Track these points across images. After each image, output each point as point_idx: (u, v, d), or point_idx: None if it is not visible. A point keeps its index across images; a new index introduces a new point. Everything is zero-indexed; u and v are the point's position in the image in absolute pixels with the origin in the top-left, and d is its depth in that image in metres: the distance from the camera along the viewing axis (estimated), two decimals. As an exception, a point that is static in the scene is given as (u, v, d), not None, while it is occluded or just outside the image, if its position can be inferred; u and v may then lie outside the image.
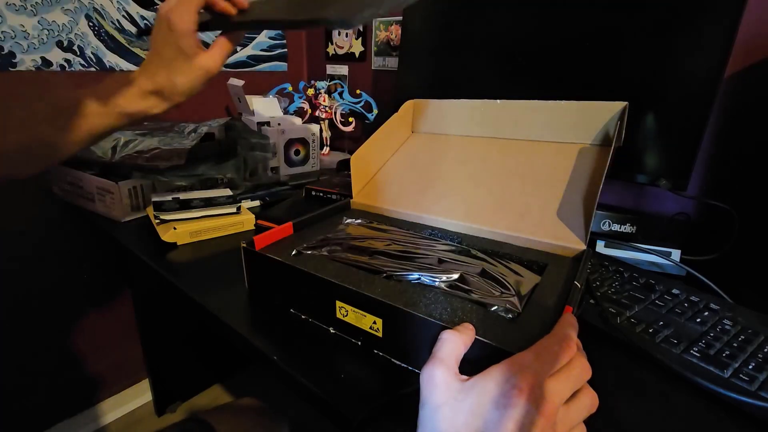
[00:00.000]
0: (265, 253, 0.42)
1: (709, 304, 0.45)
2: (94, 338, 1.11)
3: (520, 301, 0.35)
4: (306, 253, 0.43)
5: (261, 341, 0.39)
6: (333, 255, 0.43)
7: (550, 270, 0.41)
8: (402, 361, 0.36)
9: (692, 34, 0.53)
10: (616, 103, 0.50)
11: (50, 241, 0.97)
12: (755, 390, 0.34)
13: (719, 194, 0.66)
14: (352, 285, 0.36)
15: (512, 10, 0.67)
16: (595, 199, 0.43)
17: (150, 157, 0.65)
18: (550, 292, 0.37)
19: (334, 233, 0.49)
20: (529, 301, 0.35)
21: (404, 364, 0.36)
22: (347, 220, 0.53)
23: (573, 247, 0.43)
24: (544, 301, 0.35)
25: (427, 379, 0.26)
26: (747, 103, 0.63)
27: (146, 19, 1.00)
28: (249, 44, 1.20)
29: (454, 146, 0.61)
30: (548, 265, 0.42)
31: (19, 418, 1.03)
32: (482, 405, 0.23)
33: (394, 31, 1.08)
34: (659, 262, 0.58)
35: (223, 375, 1.38)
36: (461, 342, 0.28)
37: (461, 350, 0.28)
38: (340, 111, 1.07)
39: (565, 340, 0.27)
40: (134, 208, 0.69)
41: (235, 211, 0.66)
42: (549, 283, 0.38)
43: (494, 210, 0.50)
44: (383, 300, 0.34)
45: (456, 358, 0.27)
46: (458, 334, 0.28)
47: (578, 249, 0.43)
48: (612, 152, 0.47)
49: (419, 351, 0.34)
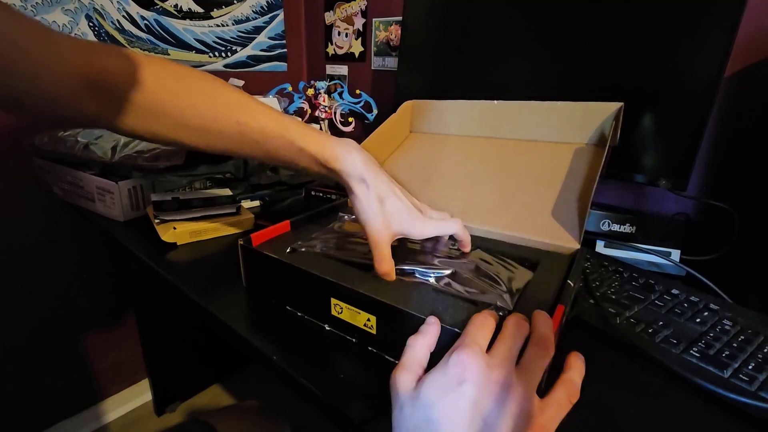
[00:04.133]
0: (262, 251, 0.42)
1: (708, 304, 0.45)
2: (93, 338, 1.11)
3: (512, 297, 0.35)
4: (301, 250, 0.43)
5: (259, 340, 0.39)
6: (328, 251, 0.43)
7: (543, 268, 0.41)
8: (396, 358, 0.36)
9: (693, 34, 0.53)
10: (611, 103, 0.50)
11: (50, 241, 0.97)
12: (755, 390, 0.33)
13: (719, 194, 0.66)
14: (346, 282, 0.36)
15: (512, 11, 0.67)
16: (589, 198, 0.43)
17: (150, 157, 0.65)
18: (543, 290, 0.37)
19: (330, 230, 0.49)
20: (521, 299, 0.36)
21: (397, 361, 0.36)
22: (344, 216, 0.53)
23: (567, 246, 0.43)
24: (537, 299, 0.36)
25: (391, 385, 0.29)
26: (747, 103, 0.63)
27: (146, 19, 1.00)
28: (249, 44, 1.21)
29: (452, 146, 0.61)
30: (541, 261, 0.42)
31: (19, 417, 1.03)
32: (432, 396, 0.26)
33: (393, 31, 1.08)
34: (659, 262, 0.58)
35: (223, 375, 1.38)
36: (424, 345, 0.30)
37: (424, 352, 0.30)
38: (339, 111, 1.07)
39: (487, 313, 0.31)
40: (134, 208, 0.69)
41: (234, 211, 0.66)
42: (542, 281, 0.39)
43: (490, 209, 0.50)
44: (375, 297, 0.34)
45: (419, 361, 0.29)
46: (420, 337, 0.30)
47: (573, 248, 0.43)
48: (607, 152, 0.47)
49: None
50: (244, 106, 0.41)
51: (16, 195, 0.90)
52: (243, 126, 0.40)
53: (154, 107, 0.39)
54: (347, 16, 1.18)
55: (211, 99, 0.41)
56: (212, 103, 0.41)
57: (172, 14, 1.05)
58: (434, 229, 0.42)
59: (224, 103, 0.41)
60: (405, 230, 0.40)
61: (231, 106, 0.41)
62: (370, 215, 0.39)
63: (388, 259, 0.38)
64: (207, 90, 0.41)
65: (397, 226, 0.40)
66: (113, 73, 0.37)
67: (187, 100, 0.40)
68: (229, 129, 0.41)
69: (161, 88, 0.39)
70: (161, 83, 0.39)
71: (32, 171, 0.81)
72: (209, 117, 0.40)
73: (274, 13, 1.24)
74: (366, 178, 0.39)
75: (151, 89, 0.38)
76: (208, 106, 0.40)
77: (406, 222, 0.40)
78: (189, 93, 0.40)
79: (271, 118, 0.41)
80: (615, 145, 0.53)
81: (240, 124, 0.40)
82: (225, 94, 0.41)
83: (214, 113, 0.40)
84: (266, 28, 1.23)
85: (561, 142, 0.54)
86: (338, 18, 1.21)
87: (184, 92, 0.40)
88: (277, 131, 0.41)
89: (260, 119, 0.41)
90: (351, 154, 0.40)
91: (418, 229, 0.41)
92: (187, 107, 0.40)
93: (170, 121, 0.40)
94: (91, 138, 0.68)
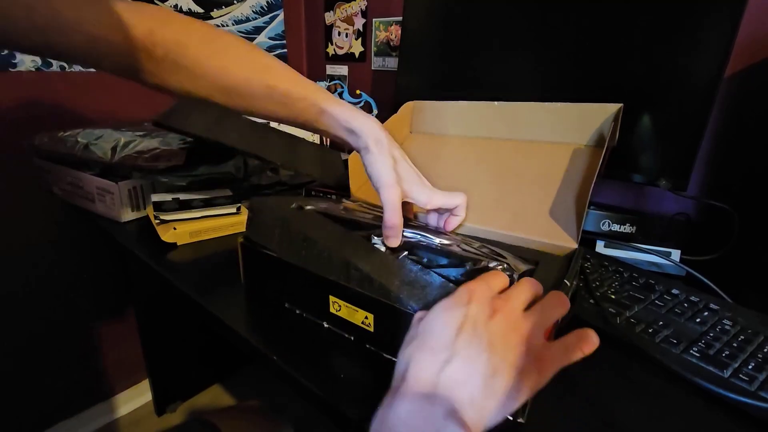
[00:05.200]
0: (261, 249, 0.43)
1: (708, 304, 0.45)
2: (94, 338, 1.11)
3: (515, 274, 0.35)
4: (307, 208, 0.45)
5: (259, 340, 0.39)
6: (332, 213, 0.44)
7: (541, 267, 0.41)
8: (393, 355, 0.36)
9: (693, 34, 0.53)
10: (611, 104, 0.50)
11: (50, 241, 0.97)
12: (755, 390, 0.34)
13: (719, 194, 0.66)
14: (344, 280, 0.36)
15: (512, 11, 0.67)
16: (587, 199, 0.43)
17: (150, 157, 0.65)
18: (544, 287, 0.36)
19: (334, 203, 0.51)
20: None
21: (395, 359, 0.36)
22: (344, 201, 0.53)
23: (565, 246, 0.43)
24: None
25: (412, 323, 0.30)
26: (747, 103, 0.63)
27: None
28: (249, 44, 1.21)
29: (452, 147, 0.61)
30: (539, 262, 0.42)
31: (19, 418, 1.03)
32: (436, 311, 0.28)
33: (393, 32, 1.08)
34: (659, 262, 0.58)
35: (223, 374, 1.38)
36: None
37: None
38: (340, 111, 1.06)
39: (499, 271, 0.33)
40: (134, 209, 0.69)
41: (234, 212, 0.66)
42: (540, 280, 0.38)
43: (489, 209, 0.50)
44: (371, 295, 0.35)
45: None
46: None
47: (570, 248, 0.43)
48: (605, 153, 0.47)
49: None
50: (273, 70, 0.43)
51: (16, 195, 0.90)
52: (272, 89, 0.42)
53: (195, 69, 0.41)
54: (347, 17, 1.18)
55: (245, 62, 0.43)
56: (245, 67, 0.42)
57: (172, 14, 1.05)
58: (441, 197, 0.44)
59: (256, 66, 0.43)
60: (414, 195, 0.42)
61: (262, 70, 0.43)
62: (385, 170, 0.40)
63: (398, 212, 0.39)
64: (241, 53, 0.43)
65: (406, 187, 0.42)
66: (169, 41, 0.39)
67: (224, 62, 0.42)
68: (259, 91, 0.42)
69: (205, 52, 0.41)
70: (205, 47, 0.41)
71: (32, 171, 0.81)
72: (242, 79, 0.42)
73: (274, 13, 1.24)
74: (382, 139, 0.42)
75: (196, 53, 0.41)
76: (242, 69, 0.42)
77: (416, 187, 0.42)
78: (226, 56, 0.42)
79: (298, 82, 0.43)
80: (614, 146, 0.53)
81: (269, 87, 0.42)
82: (257, 58, 0.43)
83: (247, 75, 0.42)
84: (266, 29, 1.23)
85: (560, 143, 0.54)
86: (338, 18, 1.21)
87: (222, 55, 0.42)
88: (303, 94, 0.43)
89: (287, 83, 0.43)
90: (370, 119, 0.43)
91: (425, 196, 0.43)
92: (223, 69, 0.42)
93: (206, 83, 0.42)
94: (91, 138, 0.68)
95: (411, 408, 0.24)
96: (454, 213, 0.46)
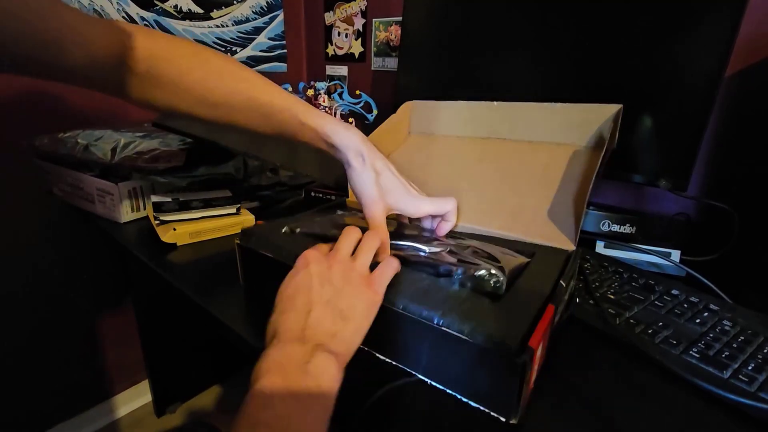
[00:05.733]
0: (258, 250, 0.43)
1: (708, 305, 0.45)
2: (94, 339, 1.11)
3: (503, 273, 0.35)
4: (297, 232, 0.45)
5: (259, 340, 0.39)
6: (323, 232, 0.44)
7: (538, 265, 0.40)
8: (384, 355, 0.36)
9: (693, 34, 0.53)
10: (610, 105, 0.50)
11: (50, 242, 0.97)
12: (754, 391, 0.33)
13: (719, 194, 0.66)
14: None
15: (512, 11, 0.67)
16: (585, 200, 0.43)
17: (150, 158, 0.65)
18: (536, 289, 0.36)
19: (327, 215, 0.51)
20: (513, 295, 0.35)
21: (387, 359, 0.36)
22: (339, 212, 0.53)
23: (563, 248, 0.43)
24: (529, 298, 0.35)
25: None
26: (747, 103, 0.63)
27: (146, 20, 1.00)
28: (249, 45, 1.21)
29: (451, 147, 0.61)
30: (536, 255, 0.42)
31: (19, 418, 1.03)
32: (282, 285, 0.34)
33: (393, 32, 1.08)
34: (659, 263, 0.58)
35: (223, 375, 1.38)
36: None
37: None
38: (339, 112, 1.07)
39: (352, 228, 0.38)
40: (134, 209, 0.69)
41: (234, 212, 0.66)
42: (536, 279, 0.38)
43: (487, 210, 0.50)
44: None
45: None
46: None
47: (568, 249, 0.43)
48: (604, 154, 0.47)
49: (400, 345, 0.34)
50: (254, 83, 0.44)
51: (16, 195, 0.90)
52: (253, 101, 0.43)
53: (177, 83, 0.41)
54: (347, 17, 1.18)
55: (226, 75, 0.43)
56: (226, 79, 0.43)
57: (172, 15, 1.05)
58: (430, 205, 0.44)
59: (237, 79, 0.43)
60: (401, 206, 0.42)
61: (243, 83, 0.43)
62: (367, 186, 0.41)
63: (383, 228, 0.40)
64: (222, 67, 0.43)
65: (392, 200, 0.42)
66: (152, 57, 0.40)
67: (206, 75, 0.42)
68: (241, 103, 0.43)
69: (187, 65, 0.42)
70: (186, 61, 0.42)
71: (32, 171, 0.81)
72: (223, 91, 0.43)
73: (274, 13, 1.24)
74: (363, 152, 0.42)
75: (178, 67, 0.41)
76: (224, 82, 0.43)
77: (402, 198, 0.42)
78: (208, 69, 0.42)
79: (279, 95, 0.44)
80: (613, 148, 0.53)
81: (251, 99, 0.43)
82: (238, 71, 0.44)
83: (228, 88, 0.43)
84: (266, 29, 1.23)
85: (559, 144, 0.54)
86: (338, 18, 1.21)
87: (204, 68, 0.42)
88: (284, 105, 0.43)
89: (268, 95, 0.43)
90: (350, 131, 0.42)
91: (413, 206, 0.43)
92: (205, 82, 0.42)
93: (189, 96, 0.42)
94: (91, 139, 0.68)
95: (283, 351, 0.28)
96: (445, 219, 0.46)
